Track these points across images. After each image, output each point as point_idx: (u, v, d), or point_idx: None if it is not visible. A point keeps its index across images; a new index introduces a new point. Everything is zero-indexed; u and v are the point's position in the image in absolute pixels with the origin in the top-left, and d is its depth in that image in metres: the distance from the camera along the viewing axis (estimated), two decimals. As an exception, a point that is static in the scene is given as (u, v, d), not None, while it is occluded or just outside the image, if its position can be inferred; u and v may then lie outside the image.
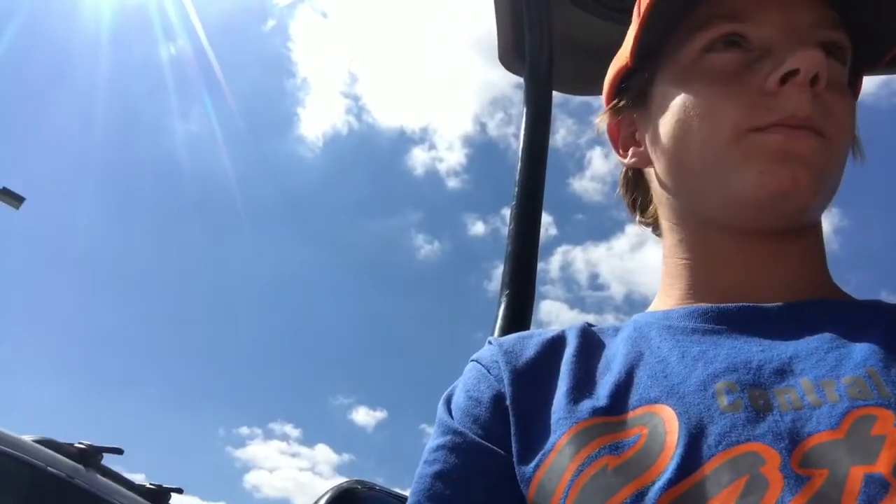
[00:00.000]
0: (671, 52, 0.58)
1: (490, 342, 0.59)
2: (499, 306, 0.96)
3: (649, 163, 0.62)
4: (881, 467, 0.37)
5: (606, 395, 0.49)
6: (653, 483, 0.41)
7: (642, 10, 0.57)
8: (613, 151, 0.67)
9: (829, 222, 0.58)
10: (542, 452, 0.47)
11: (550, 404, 0.50)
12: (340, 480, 0.63)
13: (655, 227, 0.65)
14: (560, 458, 0.46)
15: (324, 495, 0.58)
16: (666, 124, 0.57)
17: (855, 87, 0.60)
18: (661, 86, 0.59)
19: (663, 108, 0.58)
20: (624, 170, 0.68)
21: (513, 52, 1.24)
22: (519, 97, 1.18)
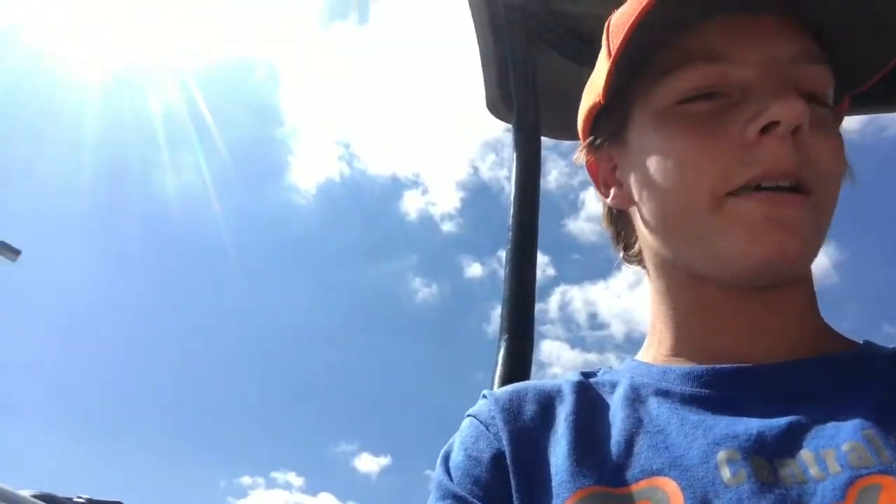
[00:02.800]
0: (646, 93, 0.55)
1: (485, 396, 0.59)
2: (498, 351, 0.97)
3: (632, 204, 0.60)
4: None
5: (608, 462, 0.48)
6: None
7: (613, 48, 0.54)
8: (595, 190, 0.66)
9: (827, 256, 0.59)
10: None
11: (550, 464, 0.50)
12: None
13: (641, 264, 0.63)
14: None
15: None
16: (644, 174, 0.55)
17: (838, 113, 0.58)
18: (636, 127, 0.56)
19: (641, 154, 0.56)
20: (606, 207, 0.67)
21: (500, 100, 1.27)
22: (510, 139, 1.20)
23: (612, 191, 0.62)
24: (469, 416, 0.58)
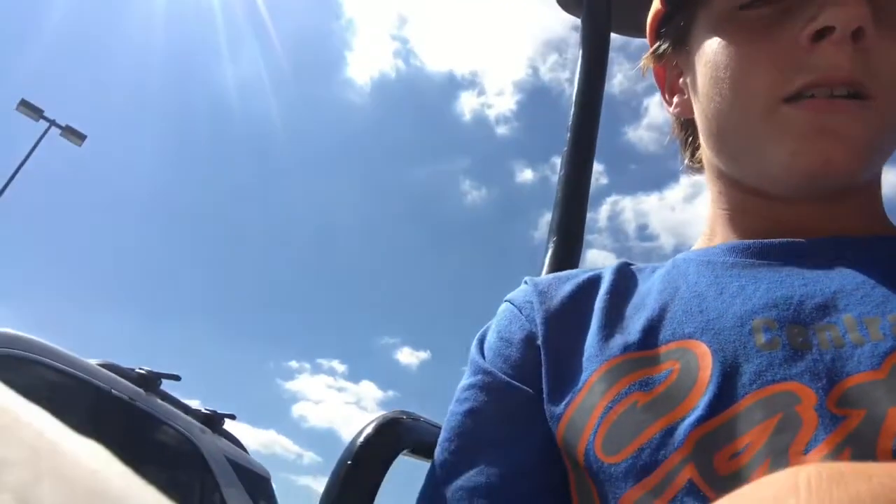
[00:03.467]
0: (705, 0, 0.55)
1: (525, 282, 0.59)
2: (545, 252, 0.95)
3: (692, 112, 0.60)
4: None
5: (638, 330, 0.48)
6: (683, 419, 0.41)
7: None
8: (661, 97, 0.66)
9: None
10: (572, 391, 0.47)
11: (583, 343, 0.50)
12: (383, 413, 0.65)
13: (702, 172, 0.63)
14: (590, 396, 0.46)
15: (370, 423, 0.60)
16: (701, 81, 0.55)
17: None
18: (697, 34, 0.56)
19: (700, 61, 0.55)
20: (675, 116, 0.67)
21: (571, -8, 1.20)
22: (575, 39, 1.14)
23: (676, 99, 0.63)
24: (506, 301, 0.59)
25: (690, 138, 0.65)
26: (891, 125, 0.50)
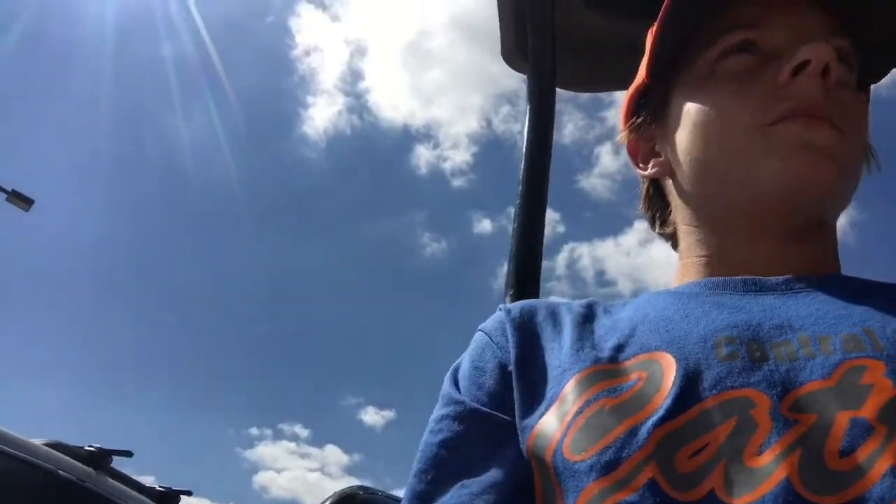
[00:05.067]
0: (686, 65, 0.60)
1: (500, 309, 0.61)
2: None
3: (669, 170, 0.63)
4: (866, 412, 0.39)
5: (609, 347, 0.51)
6: (646, 420, 0.43)
7: (656, 26, 0.59)
8: (633, 168, 0.70)
9: (846, 215, 0.60)
10: (544, 403, 0.49)
11: (555, 362, 0.52)
12: (349, 481, 0.62)
13: (674, 238, 0.66)
14: (562, 405, 0.48)
15: (325, 501, 0.57)
16: (686, 130, 0.59)
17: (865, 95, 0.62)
18: (678, 97, 0.61)
19: (682, 117, 0.59)
20: (645, 185, 0.70)
21: (516, 50, 1.23)
22: (525, 90, 1.16)
23: (652, 162, 0.66)
24: (479, 330, 0.61)
25: (659, 208, 0.68)
26: (856, 162, 0.56)
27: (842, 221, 0.60)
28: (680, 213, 0.64)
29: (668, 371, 0.45)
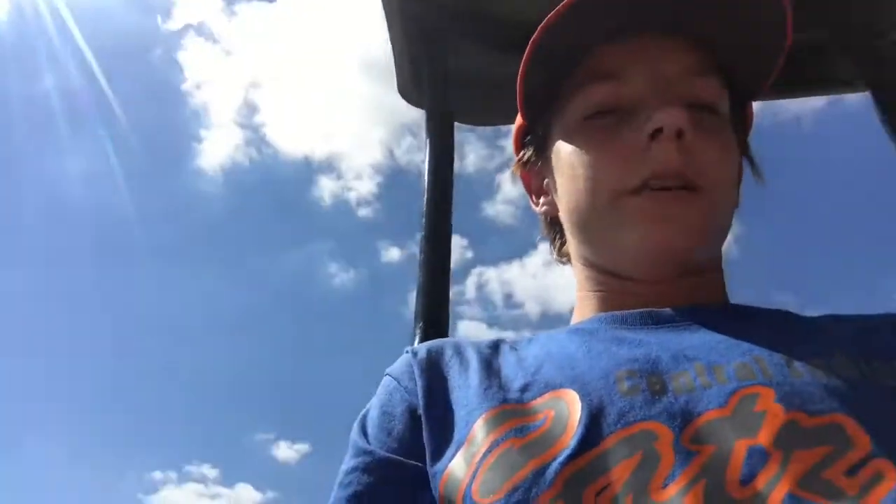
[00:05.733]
0: (558, 113, 0.63)
1: (406, 351, 0.61)
2: (413, 338, 0.95)
3: (557, 211, 0.67)
4: (762, 439, 0.41)
5: (515, 387, 0.52)
6: (553, 459, 0.44)
7: (520, 71, 0.62)
8: (529, 200, 0.73)
9: (731, 231, 0.64)
10: (454, 446, 0.50)
11: (463, 403, 0.53)
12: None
13: (570, 263, 0.69)
14: (471, 446, 0.48)
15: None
16: (561, 181, 0.63)
17: (745, 118, 0.66)
18: (554, 142, 0.64)
19: (558, 165, 0.63)
20: (542, 215, 0.73)
21: (412, 84, 1.24)
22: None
23: (542, 199, 0.70)
24: (386, 374, 0.61)
25: (558, 234, 0.71)
26: (719, 211, 0.59)
27: (728, 237, 0.64)
28: (572, 248, 0.67)
29: (573, 408, 0.46)
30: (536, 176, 0.70)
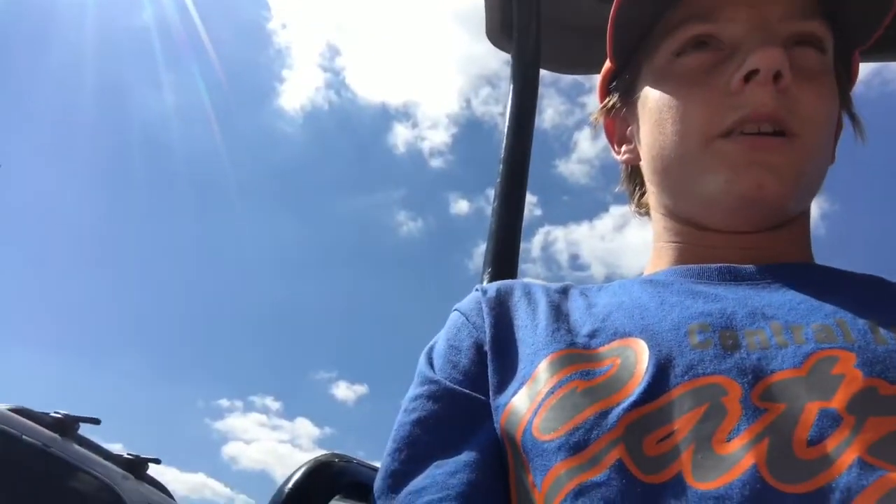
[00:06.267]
0: (648, 55, 0.61)
1: (476, 289, 0.61)
2: (481, 280, 0.95)
3: (639, 160, 0.65)
4: (836, 403, 0.40)
5: (583, 332, 0.51)
6: (617, 405, 0.44)
7: (612, 13, 0.60)
8: (610, 149, 0.71)
9: (817, 207, 0.61)
10: (517, 382, 0.50)
11: (529, 342, 0.53)
12: (320, 452, 0.63)
13: (649, 216, 0.68)
14: (535, 384, 0.49)
15: (300, 468, 0.58)
16: (646, 126, 0.61)
17: (849, 70, 0.62)
18: (642, 87, 0.62)
19: (644, 110, 0.61)
20: (624, 164, 0.71)
21: (500, 29, 1.22)
22: (507, 72, 1.16)
23: (624, 148, 0.68)
24: (455, 310, 0.62)
25: (638, 184, 0.70)
26: (814, 160, 0.56)
27: (814, 212, 0.61)
28: (652, 198, 0.65)
29: (641, 357, 0.46)
30: (621, 123, 0.69)
